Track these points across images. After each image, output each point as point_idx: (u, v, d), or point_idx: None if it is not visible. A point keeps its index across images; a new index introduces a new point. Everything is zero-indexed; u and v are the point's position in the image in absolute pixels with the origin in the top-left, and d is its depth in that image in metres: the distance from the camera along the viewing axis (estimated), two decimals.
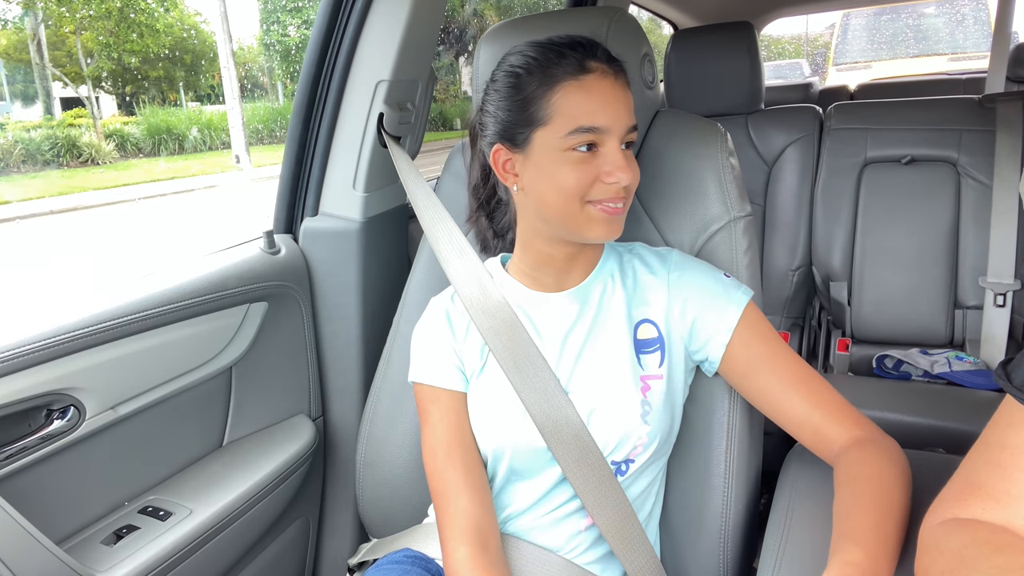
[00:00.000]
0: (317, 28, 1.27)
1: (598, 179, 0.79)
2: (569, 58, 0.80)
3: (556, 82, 0.80)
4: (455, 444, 0.88)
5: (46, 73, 16.11)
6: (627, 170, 0.79)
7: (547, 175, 0.81)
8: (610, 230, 0.82)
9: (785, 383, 0.83)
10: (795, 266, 2.01)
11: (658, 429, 0.86)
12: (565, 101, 0.79)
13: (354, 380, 1.36)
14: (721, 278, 0.88)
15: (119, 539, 0.99)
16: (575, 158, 0.79)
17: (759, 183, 2.07)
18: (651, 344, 0.88)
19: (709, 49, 2.04)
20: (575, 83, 0.79)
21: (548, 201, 0.82)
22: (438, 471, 0.87)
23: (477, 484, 0.87)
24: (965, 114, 1.76)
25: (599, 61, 0.80)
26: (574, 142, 0.79)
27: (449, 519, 0.84)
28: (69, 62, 16.71)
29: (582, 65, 0.80)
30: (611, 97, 0.79)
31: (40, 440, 0.93)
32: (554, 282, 0.91)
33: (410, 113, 1.31)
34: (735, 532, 0.92)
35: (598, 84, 0.79)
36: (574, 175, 0.79)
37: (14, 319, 0.92)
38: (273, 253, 1.27)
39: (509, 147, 0.84)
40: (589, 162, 0.79)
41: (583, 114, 0.78)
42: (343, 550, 1.41)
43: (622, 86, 0.81)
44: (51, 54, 16.27)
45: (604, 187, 0.79)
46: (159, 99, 18.50)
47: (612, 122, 0.79)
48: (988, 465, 0.61)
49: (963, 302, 1.73)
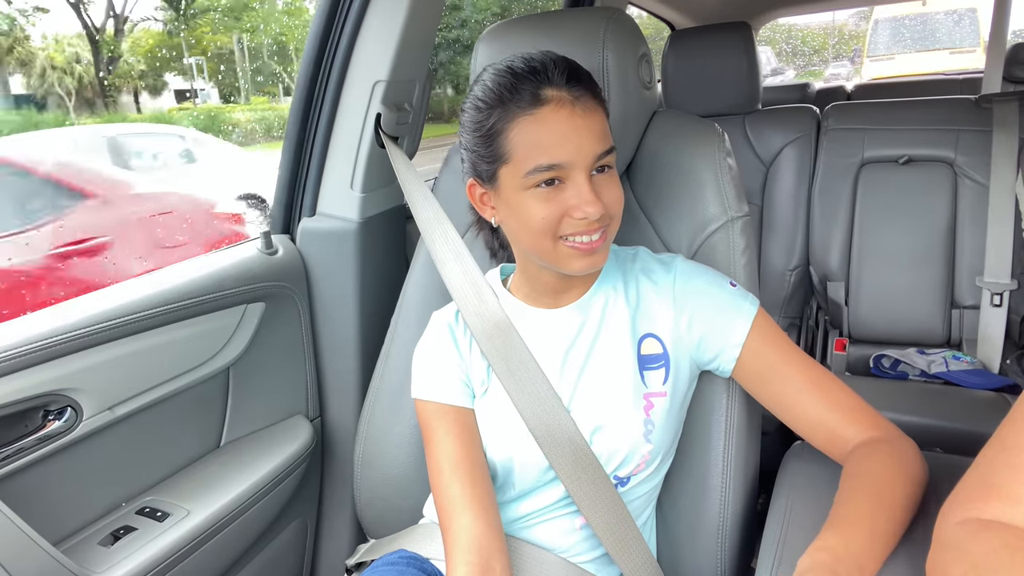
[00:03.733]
0: (315, 28, 1.27)
1: (566, 214, 0.76)
2: (522, 90, 0.75)
3: (512, 117, 0.75)
4: (462, 458, 0.85)
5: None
6: (595, 203, 0.74)
7: (515, 212, 0.78)
8: (590, 263, 0.78)
9: (799, 387, 0.82)
10: (792, 266, 2.01)
11: (661, 446, 0.85)
12: (520, 138, 0.75)
13: (352, 380, 1.35)
14: (727, 288, 0.86)
15: (116, 540, 0.99)
16: (539, 195, 0.76)
17: (756, 183, 2.07)
18: (655, 360, 0.86)
19: (706, 49, 2.04)
20: (528, 118, 0.75)
21: (521, 237, 0.80)
22: (444, 487, 0.84)
23: (483, 501, 0.83)
24: (962, 114, 1.76)
25: (555, 88, 0.75)
26: (534, 180, 0.75)
27: (452, 536, 0.80)
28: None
29: (535, 96, 0.75)
30: (569, 129, 0.74)
31: (37, 441, 0.92)
32: (554, 298, 0.89)
33: (407, 113, 1.31)
34: (733, 532, 0.92)
35: (553, 116, 0.74)
36: (540, 213, 0.75)
37: (12, 320, 0.92)
38: (270, 253, 1.26)
39: (479, 182, 0.82)
40: (554, 198, 0.75)
41: (540, 152, 0.74)
42: (341, 551, 1.40)
43: (584, 112, 0.75)
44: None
45: (573, 222, 0.76)
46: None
47: (574, 155, 0.74)
48: (1005, 467, 0.60)
49: (960, 302, 1.73)
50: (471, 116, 0.80)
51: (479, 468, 0.85)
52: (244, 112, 15.61)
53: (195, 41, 18.56)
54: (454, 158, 1.19)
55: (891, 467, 0.74)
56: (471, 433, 0.87)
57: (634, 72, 1.00)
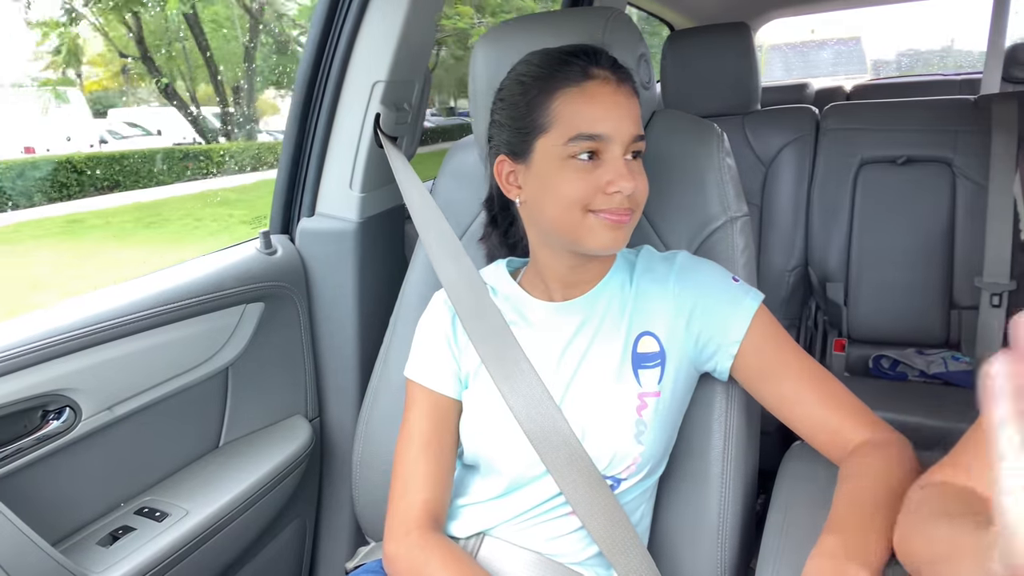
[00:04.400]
0: (314, 29, 1.27)
1: (600, 189, 0.77)
2: (571, 64, 0.79)
3: (557, 88, 0.79)
4: (433, 439, 0.89)
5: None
6: (630, 179, 0.76)
7: (548, 184, 0.80)
8: (614, 238, 0.79)
9: (799, 388, 0.82)
10: (791, 266, 2.01)
11: (652, 449, 0.84)
12: (565, 107, 0.78)
13: (351, 381, 1.35)
14: (729, 283, 0.86)
15: (115, 540, 0.99)
16: (576, 166, 0.78)
17: (756, 183, 2.07)
18: (651, 359, 0.86)
19: (705, 50, 2.04)
20: (576, 89, 0.78)
21: (549, 212, 0.81)
22: (410, 459, 0.89)
23: (444, 480, 0.89)
24: (960, 115, 1.76)
25: (602, 68, 0.79)
26: (575, 149, 0.77)
27: (407, 506, 0.87)
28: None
29: (584, 71, 0.78)
30: (613, 104, 0.78)
31: (36, 441, 0.92)
32: (560, 292, 0.90)
33: (406, 113, 1.31)
34: (732, 532, 0.92)
35: (600, 91, 0.78)
36: (575, 184, 0.77)
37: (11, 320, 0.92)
38: (270, 253, 1.26)
39: (512, 158, 0.84)
40: (591, 171, 0.77)
41: (583, 121, 0.77)
42: (340, 552, 1.40)
43: (626, 94, 0.80)
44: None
45: (606, 197, 0.77)
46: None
47: (614, 130, 0.77)
48: (962, 441, 0.68)
49: (959, 302, 1.73)
50: (511, 91, 0.84)
51: (447, 453, 0.90)
52: None
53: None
54: (452, 161, 1.19)
55: (889, 469, 0.74)
56: (449, 422, 0.91)
57: (633, 72, 1.00)
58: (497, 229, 0.99)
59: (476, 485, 0.93)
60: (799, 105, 2.15)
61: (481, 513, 0.91)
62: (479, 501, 0.91)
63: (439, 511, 0.88)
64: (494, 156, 0.87)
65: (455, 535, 0.91)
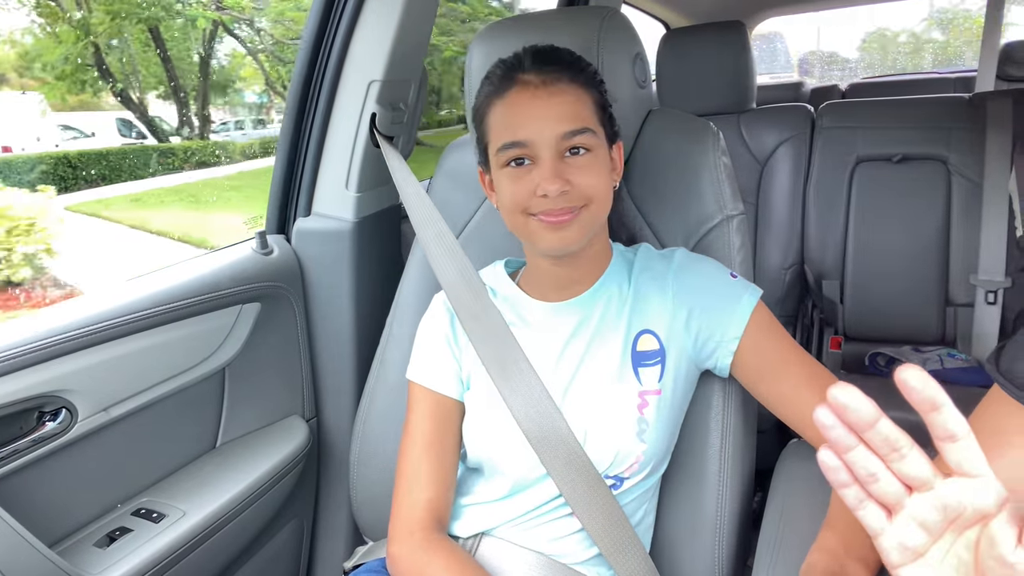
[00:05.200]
0: (309, 28, 1.26)
1: (532, 193, 0.79)
2: (499, 75, 0.83)
3: (489, 102, 0.83)
4: (435, 440, 0.90)
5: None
6: (553, 181, 0.77)
7: (498, 192, 0.84)
8: (560, 239, 0.80)
9: (797, 385, 0.82)
10: (787, 264, 2.01)
11: (655, 447, 0.85)
12: (494, 119, 0.82)
13: (348, 381, 1.35)
14: (727, 280, 0.86)
15: (112, 541, 0.98)
16: (509, 174, 0.81)
17: (751, 182, 2.07)
18: (651, 357, 0.86)
19: (701, 48, 2.05)
20: (499, 100, 0.82)
21: (505, 218, 0.85)
22: (413, 460, 0.90)
23: (447, 481, 0.90)
24: (955, 112, 1.77)
25: (526, 72, 0.81)
26: (503, 158, 0.81)
27: (411, 506, 0.88)
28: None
29: (509, 79, 0.81)
30: (533, 109, 0.79)
31: (32, 442, 0.92)
32: (556, 292, 0.90)
33: (402, 113, 1.31)
34: (730, 530, 0.92)
35: (520, 97, 0.80)
36: (510, 190, 0.81)
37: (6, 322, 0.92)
38: (266, 254, 1.26)
39: (483, 168, 0.88)
40: (523, 177, 0.80)
41: (505, 130, 0.80)
42: (337, 552, 1.40)
43: (550, 94, 0.79)
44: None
45: (539, 200, 0.79)
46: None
47: (535, 134, 0.78)
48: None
49: (954, 299, 1.74)
50: (474, 104, 0.88)
51: (450, 453, 0.91)
52: None
53: None
54: (447, 162, 1.20)
55: None
56: (451, 423, 0.92)
57: (629, 71, 1.00)
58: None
59: (479, 486, 0.93)
60: (794, 103, 2.15)
61: (483, 513, 0.91)
62: (482, 502, 0.91)
63: (442, 512, 0.89)
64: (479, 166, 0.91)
65: (456, 534, 0.92)
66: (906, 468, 0.41)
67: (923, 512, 0.41)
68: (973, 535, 0.41)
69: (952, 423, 0.40)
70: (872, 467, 0.41)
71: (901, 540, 0.42)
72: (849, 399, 0.40)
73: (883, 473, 0.41)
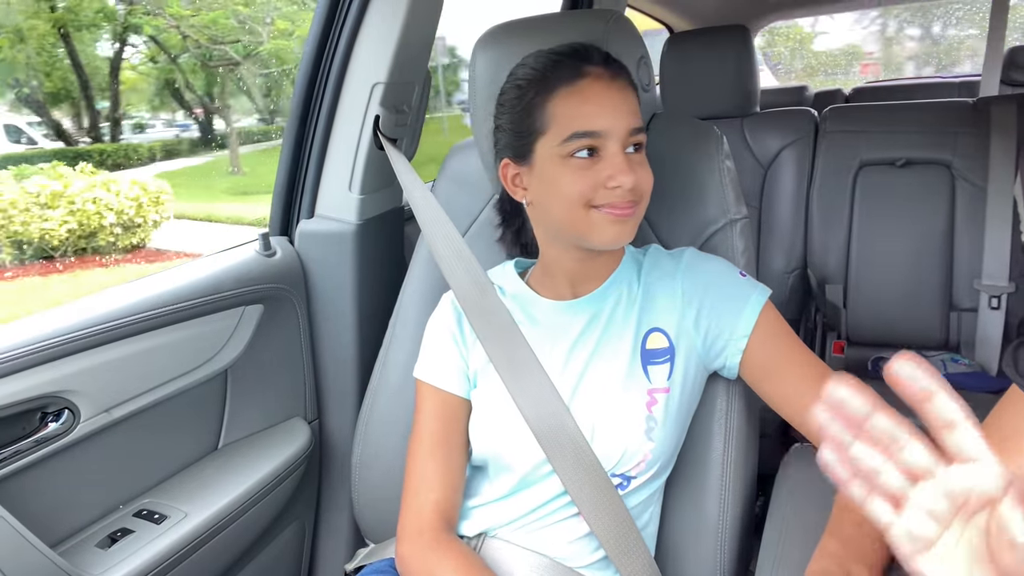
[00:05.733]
0: (313, 30, 1.27)
1: (601, 184, 0.78)
2: (564, 64, 0.81)
3: (552, 89, 0.80)
4: (443, 440, 0.90)
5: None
6: (629, 173, 0.77)
7: (551, 184, 0.81)
8: (619, 232, 0.80)
9: (805, 386, 0.82)
10: (791, 268, 2.01)
11: (663, 446, 0.85)
12: (561, 107, 0.79)
13: (350, 383, 1.35)
14: (736, 278, 0.87)
15: (113, 542, 0.98)
16: (575, 164, 0.79)
17: (755, 186, 2.07)
18: (660, 355, 0.86)
19: (704, 52, 2.05)
20: (570, 88, 0.79)
21: (554, 211, 0.82)
22: (421, 459, 0.90)
23: (455, 481, 0.90)
24: (959, 117, 1.76)
25: (595, 64, 0.80)
26: (572, 148, 0.78)
27: (419, 506, 0.88)
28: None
29: (577, 70, 0.80)
30: (607, 100, 0.79)
31: (34, 443, 0.92)
32: (568, 290, 0.90)
33: (406, 115, 1.31)
34: (732, 535, 0.91)
35: (593, 87, 0.79)
36: (576, 182, 0.79)
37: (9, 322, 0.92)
38: (269, 255, 1.26)
39: (515, 161, 0.85)
40: (590, 168, 0.78)
41: (578, 119, 0.78)
42: (339, 554, 1.40)
43: (621, 87, 0.80)
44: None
45: (607, 192, 0.78)
46: None
47: (609, 125, 0.78)
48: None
49: (958, 304, 1.73)
50: (511, 95, 0.85)
51: (457, 453, 0.91)
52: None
53: None
54: (451, 164, 1.20)
55: None
56: (458, 422, 0.92)
57: (633, 74, 1.00)
58: (510, 228, 1.01)
59: (484, 485, 0.93)
60: (798, 107, 2.15)
61: (487, 513, 0.91)
62: (486, 502, 0.91)
63: (450, 511, 0.89)
64: (499, 159, 0.88)
65: (462, 534, 0.92)
66: (907, 458, 0.41)
67: (930, 501, 0.41)
68: (983, 521, 0.41)
69: (948, 410, 0.40)
70: (874, 461, 0.42)
71: (911, 530, 0.42)
72: (845, 394, 0.41)
73: (885, 466, 0.42)
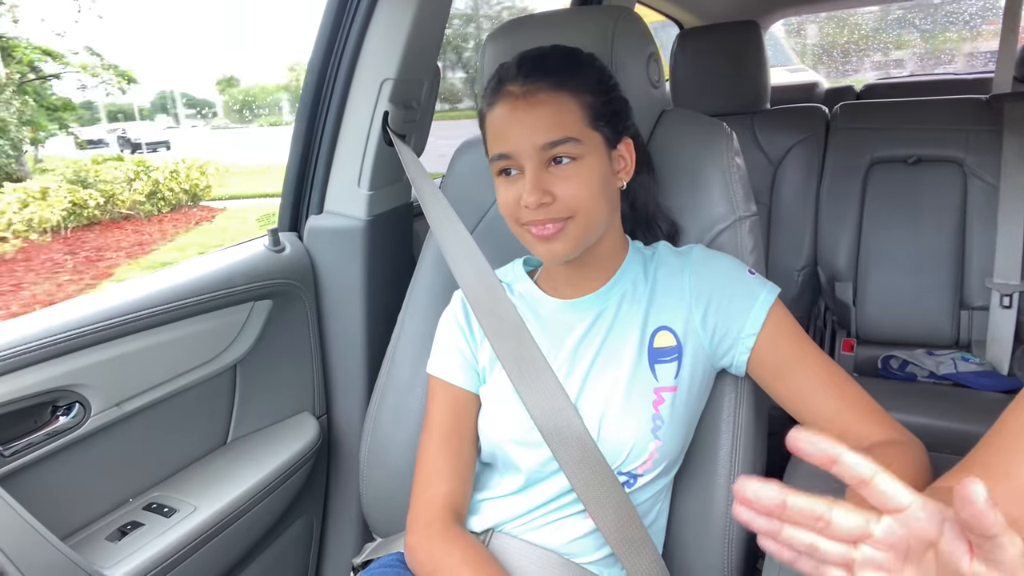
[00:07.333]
0: (322, 26, 1.27)
1: (520, 203, 0.80)
2: (492, 83, 0.85)
3: (485, 108, 0.85)
4: (454, 434, 0.91)
5: None
6: (532, 192, 0.78)
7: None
8: (549, 250, 0.82)
9: (814, 384, 0.81)
10: (800, 266, 2.00)
11: (669, 444, 0.84)
12: (487, 128, 0.85)
13: (358, 378, 1.36)
14: (745, 276, 0.86)
15: (124, 535, 0.99)
16: (501, 182, 0.84)
17: (764, 183, 2.06)
18: (668, 353, 0.86)
19: (715, 48, 2.04)
20: (491, 109, 0.84)
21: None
22: (431, 453, 0.91)
23: (464, 475, 0.91)
24: (972, 114, 1.75)
25: (510, 82, 0.82)
26: (496, 167, 0.83)
27: (429, 498, 0.89)
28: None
29: (497, 91, 0.83)
30: (514, 120, 0.80)
31: (45, 436, 0.93)
32: (571, 288, 0.91)
33: (415, 111, 1.31)
34: (739, 533, 0.91)
35: (503, 110, 0.82)
36: (502, 198, 0.84)
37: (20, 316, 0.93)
38: (278, 251, 1.27)
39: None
40: (512, 186, 0.82)
41: (494, 141, 0.83)
42: (347, 548, 1.41)
43: (538, 102, 0.79)
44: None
45: (525, 211, 0.81)
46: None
47: (516, 146, 0.80)
48: (989, 448, 0.64)
49: (969, 303, 1.72)
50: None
51: (467, 446, 0.92)
52: None
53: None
54: (458, 162, 1.20)
55: (904, 470, 0.73)
56: (468, 417, 0.93)
57: (643, 71, 0.99)
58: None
59: (492, 480, 0.93)
60: (809, 104, 2.14)
61: (495, 508, 0.91)
62: (494, 496, 0.92)
63: (460, 504, 0.90)
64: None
65: (471, 529, 0.92)
66: (837, 529, 0.43)
67: (875, 557, 0.43)
68: (934, 559, 0.43)
69: (858, 468, 0.42)
70: (807, 539, 0.43)
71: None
72: (752, 491, 0.42)
73: (819, 540, 0.44)
